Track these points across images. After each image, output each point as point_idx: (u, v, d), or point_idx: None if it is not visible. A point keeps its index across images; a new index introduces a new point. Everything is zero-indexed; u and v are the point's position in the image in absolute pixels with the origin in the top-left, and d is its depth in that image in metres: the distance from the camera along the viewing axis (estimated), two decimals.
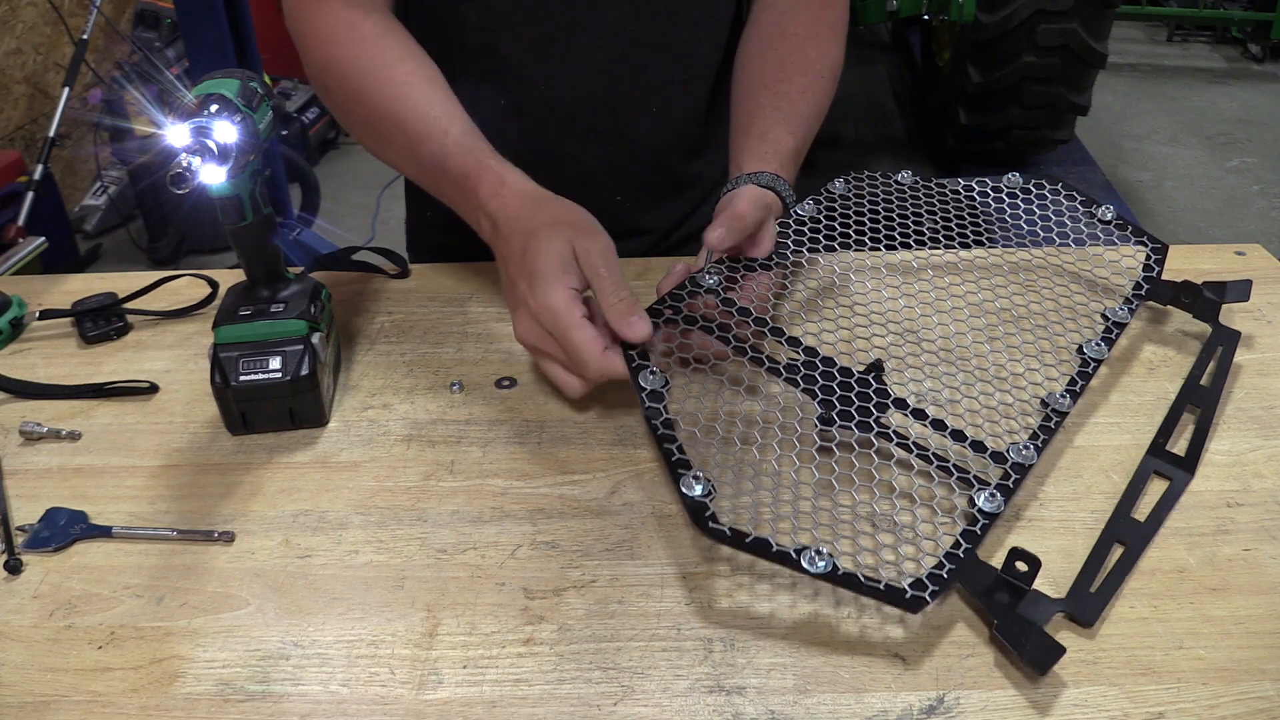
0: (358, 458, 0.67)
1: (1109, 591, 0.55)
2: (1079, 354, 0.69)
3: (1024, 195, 0.82)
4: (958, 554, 0.54)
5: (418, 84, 0.76)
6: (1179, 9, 4.40)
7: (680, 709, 0.50)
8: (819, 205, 0.79)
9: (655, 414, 0.59)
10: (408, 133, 0.75)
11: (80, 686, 0.52)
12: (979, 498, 0.57)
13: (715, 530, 0.52)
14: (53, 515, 0.62)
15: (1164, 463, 0.64)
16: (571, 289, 0.64)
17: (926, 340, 0.71)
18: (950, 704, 0.50)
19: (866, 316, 0.73)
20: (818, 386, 0.64)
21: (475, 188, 0.71)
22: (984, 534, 0.55)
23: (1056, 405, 0.64)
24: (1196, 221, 3.26)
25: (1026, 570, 0.53)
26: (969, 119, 3.13)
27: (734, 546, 0.53)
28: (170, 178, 0.58)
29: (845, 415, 0.62)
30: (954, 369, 0.68)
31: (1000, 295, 0.76)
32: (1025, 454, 0.60)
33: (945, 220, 0.79)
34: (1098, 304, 0.75)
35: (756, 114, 0.83)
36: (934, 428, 0.62)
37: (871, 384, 0.64)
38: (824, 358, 0.65)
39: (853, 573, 0.52)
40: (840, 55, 0.88)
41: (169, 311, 0.82)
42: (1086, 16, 2.87)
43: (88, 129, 3.01)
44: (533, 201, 0.69)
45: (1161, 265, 0.78)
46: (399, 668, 0.53)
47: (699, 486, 0.54)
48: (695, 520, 0.53)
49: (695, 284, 0.70)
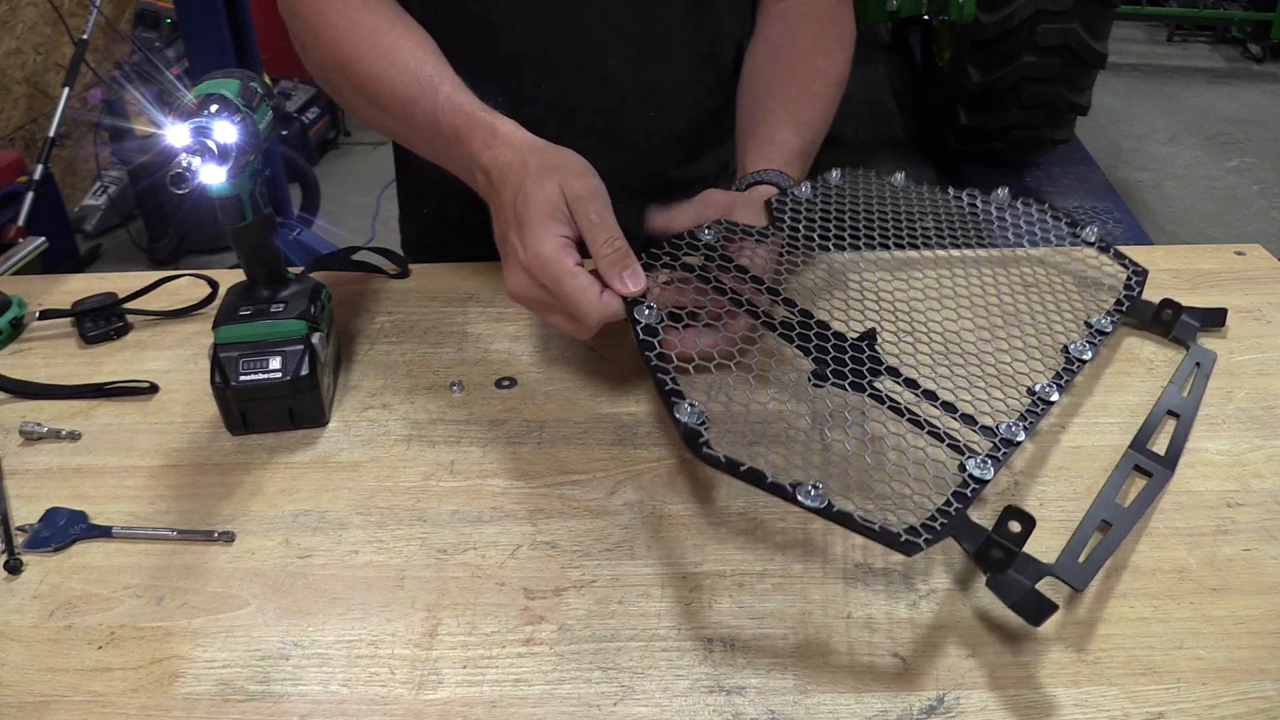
0: (358, 458, 0.67)
1: (1096, 563, 0.56)
2: (1064, 353, 0.70)
3: (1010, 211, 0.83)
4: (950, 511, 0.54)
5: (408, 47, 0.76)
6: (1179, 9, 4.40)
7: (680, 709, 0.50)
8: (815, 189, 0.79)
9: (649, 347, 0.59)
10: (400, 95, 0.74)
11: (80, 686, 0.52)
12: (970, 464, 0.57)
13: (709, 455, 0.52)
14: (53, 515, 0.62)
15: (1145, 458, 0.65)
16: (562, 236, 0.63)
17: (917, 323, 0.71)
18: (950, 704, 0.50)
19: (861, 296, 0.73)
20: (812, 345, 0.64)
21: (468, 141, 0.70)
22: (974, 497, 0.55)
23: (1043, 394, 0.65)
24: (1196, 221, 3.26)
25: (1019, 530, 0.52)
26: (969, 119, 3.13)
27: (727, 472, 0.51)
28: (170, 178, 0.58)
29: (839, 375, 0.62)
30: (942, 351, 0.68)
31: (989, 290, 0.76)
32: (1013, 430, 0.61)
33: (936, 226, 0.80)
34: (1082, 308, 0.76)
35: (763, 118, 0.83)
36: (925, 398, 0.63)
37: (865, 350, 0.64)
38: (818, 320, 0.65)
39: (847, 511, 0.51)
40: (847, 67, 0.89)
41: (169, 311, 0.82)
42: (1086, 16, 2.88)
43: (88, 129, 3.01)
44: (525, 149, 0.67)
45: (1141, 286, 0.79)
46: (399, 668, 0.53)
47: (694, 414, 0.54)
48: (690, 445, 0.52)
49: (694, 237, 0.70)
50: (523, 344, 0.79)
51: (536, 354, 0.77)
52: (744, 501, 0.63)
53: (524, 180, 0.65)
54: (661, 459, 0.66)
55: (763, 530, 0.61)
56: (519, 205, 0.64)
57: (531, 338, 0.79)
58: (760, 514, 0.62)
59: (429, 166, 1.00)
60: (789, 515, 0.62)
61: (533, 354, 0.77)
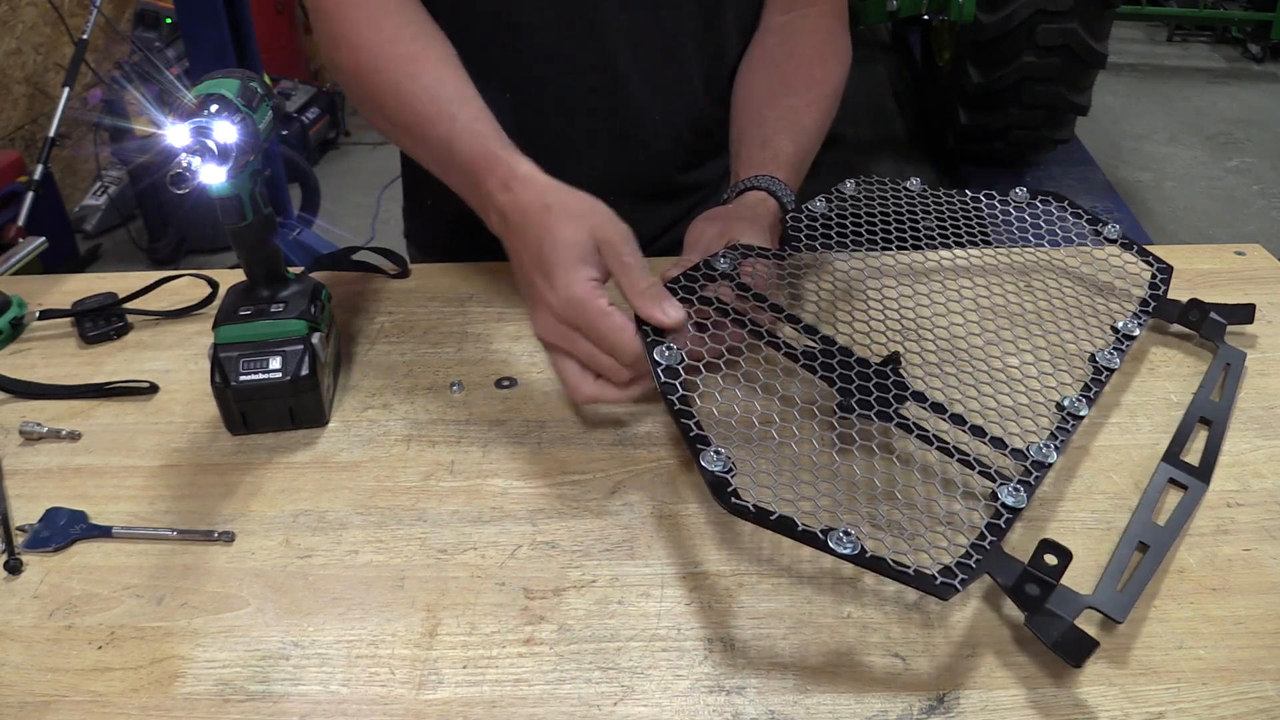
0: (358, 458, 0.67)
1: (1135, 590, 0.55)
2: (1091, 362, 0.69)
3: (1030, 210, 0.82)
4: (984, 545, 0.53)
5: (430, 62, 0.75)
6: (1179, 9, 4.40)
7: (680, 709, 0.50)
8: (830, 203, 0.79)
9: (671, 390, 0.57)
10: (417, 113, 0.73)
11: (80, 686, 0.52)
12: (1002, 492, 0.56)
13: (738, 506, 0.51)
14: (53, 515, 0.62)
15: (1180, 471, 0.64)
16: (592, 279, 0.63)
17: (940, 339, 0.70)
18: (950, 704, 0.50)
19: (883, 313, 0.72)
20: (835, 375, 0.62)
21: (484, 179, 0.69)
22: (1008, 528, 0.54)
23: (1072, 409, 0.64)
24: (1196, 221, 3.26)
25: (1056, 564, 0.51)
26: (969, 119, 3.13)
27: (757, 523, 0.51)
28: (170, 178, 0.57)
29: (864, 405, 0.61)
30: (968, 368, 0.67)
31: (1011, 299, 0.75)
32: (1045, 452, 0.60)
33: (955, 229, 0.79)
34: (1106, 311, 0.75)
35: (759, 124, 0.83)
36: (953, 422, 0.62)
37: (889, 376, 0.63)
38: (841, 347, 0.64)
39: (881, 556, 0.50)
40: (843, 78, 0.89)
41: (169, 311, 0.82)
42: (1086, 16, 2.88)
43: (88, 129, 3.01)
44: (545, 193, 0.67)
45: (1167, 285, 0.78)
46: (399, 668, 0.53)
47: (720, 461, 0.53)
48: (717, 495, 0.51)
49: (709, 267, 0.69)
50: (523, 344, 0.79)
51: (536, 354, 0.77)
52: None
53: (548, 224, 0.64)
54: (661, 459, 0.66)
55: (763, 530, 0.60)
56: (545, 250, 0.63)
57: (532, 338, 0.79)
58: None
59: None
60: None
61: (533, 354, 0.77)
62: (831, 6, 0.90)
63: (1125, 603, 0.54)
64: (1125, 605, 0.54)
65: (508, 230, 0.68)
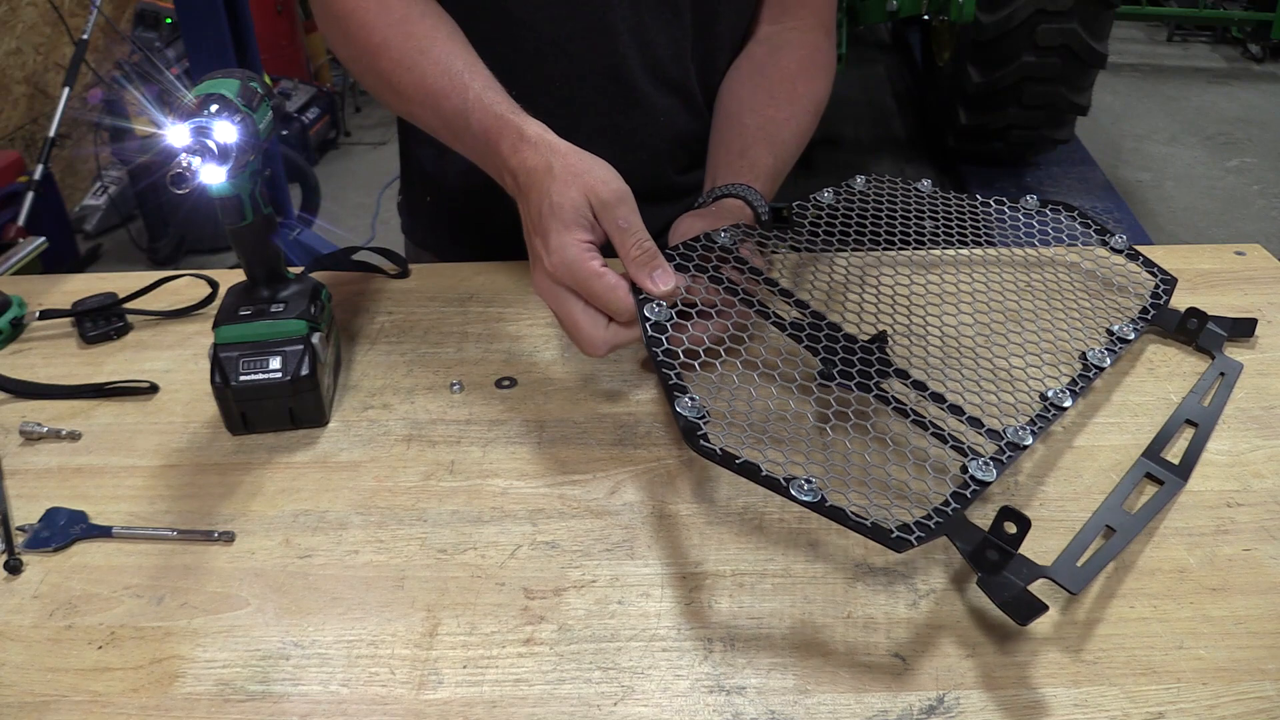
0: (358, 458, 0.67)
1: (1094, 568, 0.55)
2: (1081, 359, 0.69)
3: (1039, 217, 0.83)
4: (946, 510, 0.54)
5: (440, 39, 0.76)
6: (1179, 9, 4.41)
7: (680, 709, 0.50)
8: (838, 196, 0.79)
9: (657, 343, 0.59)
10: (430, 89, 0.74)
11: (80, 686, 0.52)
12: (972, 465, 0.57)
13: (706, 449, 0.52)
14: (53, 515, 0.62)
15: (1158, 466, 0.64)
16: (585, 241, 0.64)
17: (932, 326, 0.71)
18: (950, 704, 0.50)
19: (876, 297, 0.73)
20: (821, 346, 0.64)
21: (497, 144, 0.70)
22: (973, 498, 0.55)
23: (1055, 400, 0.64)
24: (1196, 221, 3.26)
25: (1015, 532, 0.52)
26: (969, 119, 3.14)
27: (723, 465, 0.52)
28: (170, 178, 0.58)
29: (846, 375, 0.62)
30: (955, 355, 0.68)
31: (1010, 295, 0.76)
32: (1020, 435, 0.61)
33: (960, 231, 0.80)
34: (1104, 314, 0.75)
35: (739, 133, 0.84)
36: (933, 400, 0.63)
37: (874, 352, 0.64)
38: (830, 323, 0.66)
39: (839, 506, 0.51)
40: (825, 97, 0.90)
41: (169, 311, 0.83)
42: (1086, 16, 2.88)
43: (88, 129, 3.01)
44: (550, 153, 0.68)
45: (1169, 296, 0.78)
46: (399, 668, 0.53)
47: (694, 409, 0.54)
48: (687, 438, 0.53)
49: (709, 239, 0.70)
50: (523, 344, 0.79)
51: (536, 354, 0.77)
52: (744, 501, 0.63)
53: (549, 185, 0.65)
54: (661, 459, 0.66)
55: (763, 530, 0.61)
56: (544, 211, 0.65)
57: (531, 338, 0.79)
58: (761, 514, 0.62)
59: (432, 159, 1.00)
60: (789, 515, 0.62)
61: (533, 354, 0.77)
62: (819, 20, 0.91)
63: (1082, 577, 0.54)
64: (1081, 579, 0.54)
65: (519, 192, 0.69)
